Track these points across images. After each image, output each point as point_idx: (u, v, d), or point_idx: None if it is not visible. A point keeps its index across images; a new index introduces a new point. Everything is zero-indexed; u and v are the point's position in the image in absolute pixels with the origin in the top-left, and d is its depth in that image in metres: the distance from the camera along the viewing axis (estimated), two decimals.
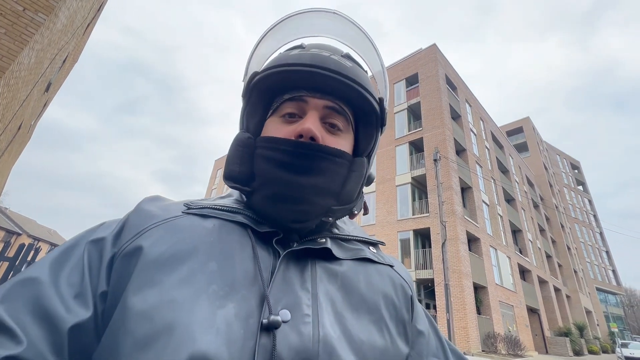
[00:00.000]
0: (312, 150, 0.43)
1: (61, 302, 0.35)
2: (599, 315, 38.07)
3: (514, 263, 19.49)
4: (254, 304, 0.36)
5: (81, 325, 0.35)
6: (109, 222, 0.46)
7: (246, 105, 0.50)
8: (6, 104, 4.88)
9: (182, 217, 0.44)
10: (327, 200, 0.45)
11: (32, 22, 4.39)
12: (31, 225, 35.76)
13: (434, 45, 20.40)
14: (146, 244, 0.39)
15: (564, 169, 50.76)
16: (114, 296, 0.37)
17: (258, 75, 0.48)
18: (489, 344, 13.11)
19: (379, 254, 0.53)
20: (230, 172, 0.47)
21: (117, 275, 0.38)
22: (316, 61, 0.45)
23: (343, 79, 0.45)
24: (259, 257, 0.41)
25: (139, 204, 0.47)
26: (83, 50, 12.79)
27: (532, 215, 27.56)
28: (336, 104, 0.47)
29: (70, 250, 0.41)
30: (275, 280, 0.39)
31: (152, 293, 0.35)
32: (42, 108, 11.06)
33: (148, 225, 0.42)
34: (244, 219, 0.45)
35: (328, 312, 0.39)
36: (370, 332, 0.40)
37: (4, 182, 12.61)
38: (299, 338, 0.35)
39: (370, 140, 0.51)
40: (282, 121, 0.47)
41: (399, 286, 0.50)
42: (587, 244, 45.87)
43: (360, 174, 0.48)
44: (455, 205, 15.15)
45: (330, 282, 0.43)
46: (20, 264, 3.12)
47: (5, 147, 7.30)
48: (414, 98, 19.62)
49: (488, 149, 23.11)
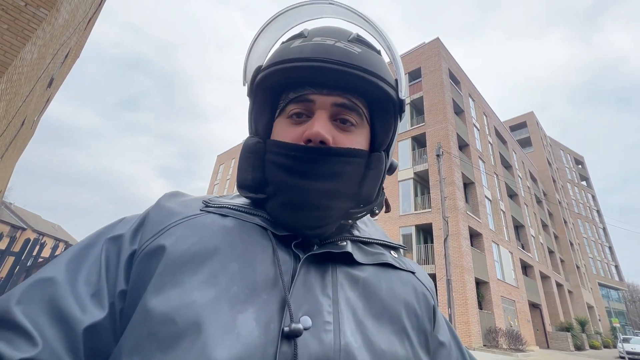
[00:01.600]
0: (323, 154, 0.40)
1: (77, 303, 0.35)
2: (601, 311, 38.09)
3: (516, 258, 19.48)
4: (275, 309, 0.35)
5: (97, 326, 0.34)
6: (128, 218, 0.45)
7: (253, 105, 0.48)
8: (9, 100, 4.89)
9: (202, 215, 0.44)
10: (344, 204, 0.43)
11: (34, 18, 4.38)
12: (36, 220, 36.09)
13: (437, 39, 20.19)
14: (168, 242, 0.39)
15: (567, 164, 50.42)
16: (134, 295, 0.36)
17: (260, 73, 0.45)
18: (491, 339, 13.17)
19: (400, 258, 0.51)
20: (242, 180, 0.46)
21: (138, 274, 0.37)
22: (319, 53, 0.41)
23: (351, 70, 0.41)
24: (280, 260, 0.40)
25: (159, 200, 0.47)
26: (85, 46, 12.78)
27: (534, 211, 27.47)
28: (346, 99, 0.43)
29: (88, 248, 0.40)
30: (296, 284, 0.38)
31: (174, 294, 0.34)
32: (45, 104, 11.08)
33: (170, 223, 0.42)
34: (262, 221, 0.44)
35: (349, 320, 0.38)
36: (392, 342, 0.39)
37: (8, 177, 12.70)
38: (320, 346, 0.34)
39: (388, 132, 0.46)
40: (290, 122, 0.44)
41: (421, 295, 0.48)
42: (590, 239, 45.72)
43: (379, 171, 0.45)
44: (458, 200, 15.12)
45: (352, 288, 0.41)
46: (25, 258, 3.15)
47: (9, 143, 7.34)
48: (417, 93, 19.49)
49: (491, 144, 22.97)
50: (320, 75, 0.42)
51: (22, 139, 9.84)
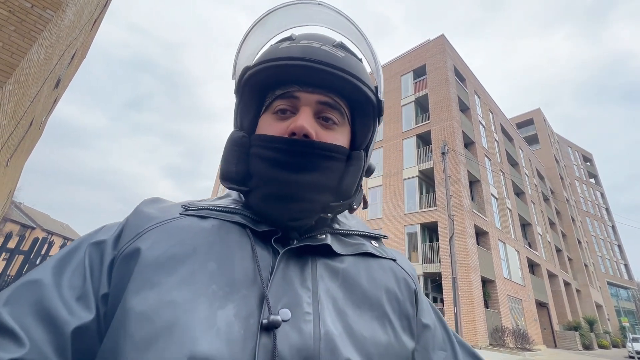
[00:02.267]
0: (306, 147, 0.42)
1: (64, 305, 0.35)
2: (610, 310, 37.58)
3: (522, 257, 19.31)
4: (254, 303, 0.36)
5: (84, 328, 0.35)
6: (109, 225, 0.47)
7: (239, 102, 0.49)
8: (17, 101, 4.96)
9: (181, 218, 0.45)
10: (324, 197, 0.45)
11: (40, 19, 4.43)
12: (45, 219, 36.65)
13: (442, 36, 20.00)
14: (144, 245, 0.40)
15: (575, 161, 49.73)
16: (115, 298, 0.37)
17: (248, 71, 0.47)
18: (497, 338, 13.07)
19: (381, 247, 0.52)
20: (226, 172, 0.46)
21: (118, 277, 0.38)
22: (306, 54, 0.43)
23: (335, 71, 0.43)
24: (258, 256, 0.41)
25: (138, 207, 0.47)
26: (91, 47, 12.90)
27: (542, 209, 27.17)
28: (330, 98, 0.45)
29: (72, 253, 0.41)
30: (274, 279, 0.39)
31: (151, 294, 0.35)
32: (52, 104, 11.23)
33: (146, 227, 0.43)
34: (241, 219, 0.45)
35: (329, 310, 0.39)
36: (373, 329, 0.40)
37: (17, 177, 12.90)
38: (300, 336, 0.35)
39: (367, 132, 0.49)
40: (275, 118, 0.46)
41: (402, 280, 0.49)
42: (598, 237, 45.10)
43: (358, 168, 0.46)
44: (464, 198, 15.00)
45: (332, 279, 0.42)
46: (34, 257, 3.19)
47: (18, 143, 7.45)
48: (422, 90, 19.33)
49: (497, 141, 22.73)
50: (306, 74, 0.44)
51: (30, 140, 9.98)
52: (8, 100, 4.45)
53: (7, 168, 7.71)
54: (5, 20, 4.13)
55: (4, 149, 5.78)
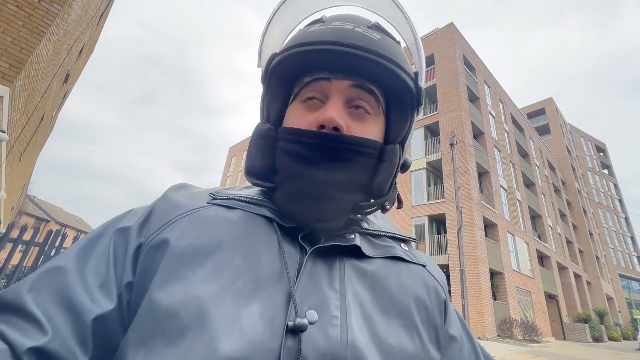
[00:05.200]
0: (335, 142, 0.39)
1: (86, 292, 0.35)
2: (621, 302, 37.12)
3: (532, 249, 19.09)
4: (280, 303, 0.35)
5: (105, 317, 0.35)
6: (136, 210, 0.45)
7: (266, 91, 0.46)
8: (28, 96, 5.03)
9: (208, 207, 0.43)
10: (354, 196, 0.42)
11: (48, 13, 4.45)
12: (58, 212, 37.56)
13: (451, 24, 19.52)
14: (172, 236, 0.39)
15: (588, 151, 48.58)
16: (140, 288, 0.36)
17: (276, 57, 0.43)
18: (505, 329, 13.04)
19: (410, 251, 0.50)
20: (251, 167, 0.44)
21: (144, 267, 0.38)
22: (338, 37, 0.40)
23: (370, 55, 0.39)
24: (286, 252, 0.39)
25: (166, 192, 0.46)
26: (100, 44, 12.96)
27: (552, 200, 26.71)
28: (363, 80, 0.42)
29: (97, 239, 0.41)
30: (301, 278, 0.37)
31: (178, 288, 0.34)
32: (62, 99, 11.37)
33: (174, 216, 0.42)
34: (269, 212, 0.43)
35: (356, 315, 0.37)
36: (401, 338, 0.38)
37: (30, 171, 13.19)
38: (327, 341, 0.33)
39: (404, 124, 0.45)
40: (303, 107, 0.43)
41: (432, 288, 0.46)
42: (610, 229, 44.30)
43: (393, 164, 0.43)
44: (472, 190, 14.83)
45: (359, 281, 0.40)
46: (49, 249, 3.28)
47: (30, 138, 7.59)
48: (430, 80, 18.98)
49: (507, 132, 22.29)
50: (337, 59, 0.40)
51: (41, 135, 10.16)
52: (19, 96, 4.51)
53: (20, 162, 7.88)
54: (14, 15, 4.17)
55: (17, 144, 5.89)
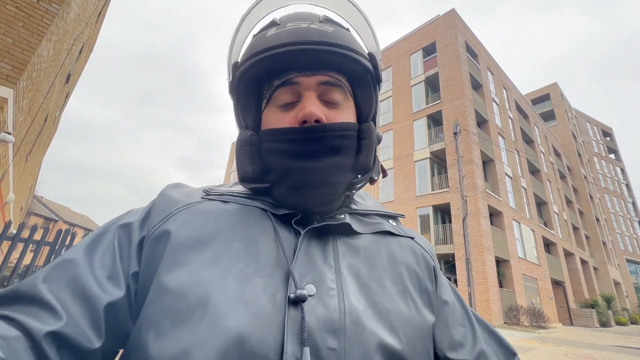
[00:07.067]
0: (320, 132, 0.42)
1: (96, 282, 0.38)
2: (629, 287, 36.98)
3: (538, 236, 19.05)
4: (280, 280, 0.37)
5: (115, 304, 0.37)
6: (135, 210, 0.48)
7: (237, 101, 0.49)
8: (31, 97, 5.05)
9: (204, 202, 0.46)
10: (346, 176, 0.46)
11: (47, 13, 4.44)
12: (66, 212, 38.05)
13: (453, 10, 19.14)
14: (173, 227, 0.41)
15: (594, 136, 47.86)
16: (146, 276, 0.39)
17: (239, 68, 0.46)
18: (512, 317, 13.11)
19: (398, 226, 0.53)
20: (244, 173, 0.46)
21: (148, 257, 0.40)
22: (296, 37, 0.42)
23: (329, 48, 0.42)
24: (281, 237, 0.42)
25: (163, 190, 0.49)
26: (101, 44, 12.93)
27: (558, 187, 26.51)
28: (330, 77, 0.45)
29: (102, 235, 0.43)
30: (298, 257, 0.40)
31: (183, 272, 0.36)
32: (65, 99, 11.41)
33: (173, 210, 0.44)
34: (262, 204, 0.46)
35: (352, 285, 0.40)
36: (396, 302, 0.41)
37: (37, 172, 13.34)
38: (326, 310, 0.36)
39: (371, 103, 0.49)
40: (279, 110, 0.45)
41: (420, 257, 0.50)
42: (617, 214, 43.89)
43: (371, 140, 0.47)
44: (477, 179, 14.75)
45: (353, 256, 0.43)
46: (60, 248, 3.33)
47: (35, 139, 7.65)
48: (432, 69, 18.74)
49: (512, 119, 22.03)
50: (302, 58, 0.43)
51: (46, 135, 10.24)
52: (23, 97, 4.54)
53: (27, 163, 7.97)
54: (14, 16, 4.16)
55: (22, 145, 5.95)
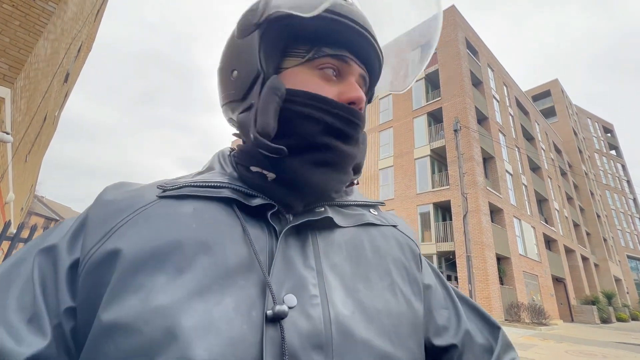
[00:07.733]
0: (359, 119, 0.42)
1: (9, 333, 0.29)
2: (630, 283, 36.99)
3: (538, 233, 19.03)
4: (255, 293, 0.32)
5: (38, 357, 0.29)
6: (65, 222, 0.39)
7: (260, 39, 0.40)
8: (29, 96, 5.03)
9: (156, 203, 0.38)
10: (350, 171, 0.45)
11: (44, 12, 4.42)
12: (66, 211, 38.12)
13: (453, 6, 19.06)
14: (120, 245, 0.33)
15: (595, 133, 47.78)
16: (87, 310, 0.31)
17: (306, 13, 0.36)
18: (512, 313, 13.12)
19: (380, 215, 0.50)
20: (266, 126, 0.38)
21: (89, 286, 0.32)
22: (365, 24, 0.41)
23: (378, 50, 0.44)
24: (252, 237, 0.36)
25: (100, 196, 0.39)
26: (99, 43, 12.90)
27: (559, 184, 26.48)
28: (366, 75, 0.46)
29: (17, 266, 0.34)
30: (275, 262, 0.35)
31: (135, 301, 0.29)
32: (64, 99, 11.40)
33: (118, 221, 0.36)
34: (231, 193, 0.39)
35: (337, 289, 0.36)
36: (386, 299, 0.38)
37: (37, 172, 13.34)
38: (309, 322, 0.32)
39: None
40: (319, 76, 0.42)
41: (406, 246, 0.48)
42: (618, 210, 43.89)
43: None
44: (477, 176, 14.73)
45: (336, 253, 0.39)
46: None
47: (34, 139, 7.64)
48: (432, 66, 18.67)
49: (512, 116, 21.97)
50: (365, 46, 0.43)
51: (45, 135, 10.23)
52: (20, 97, 4.52)
53: (26, 163, 7.96)
54: (10, 15, 4.14)
55: (21, 145, 5.94)
